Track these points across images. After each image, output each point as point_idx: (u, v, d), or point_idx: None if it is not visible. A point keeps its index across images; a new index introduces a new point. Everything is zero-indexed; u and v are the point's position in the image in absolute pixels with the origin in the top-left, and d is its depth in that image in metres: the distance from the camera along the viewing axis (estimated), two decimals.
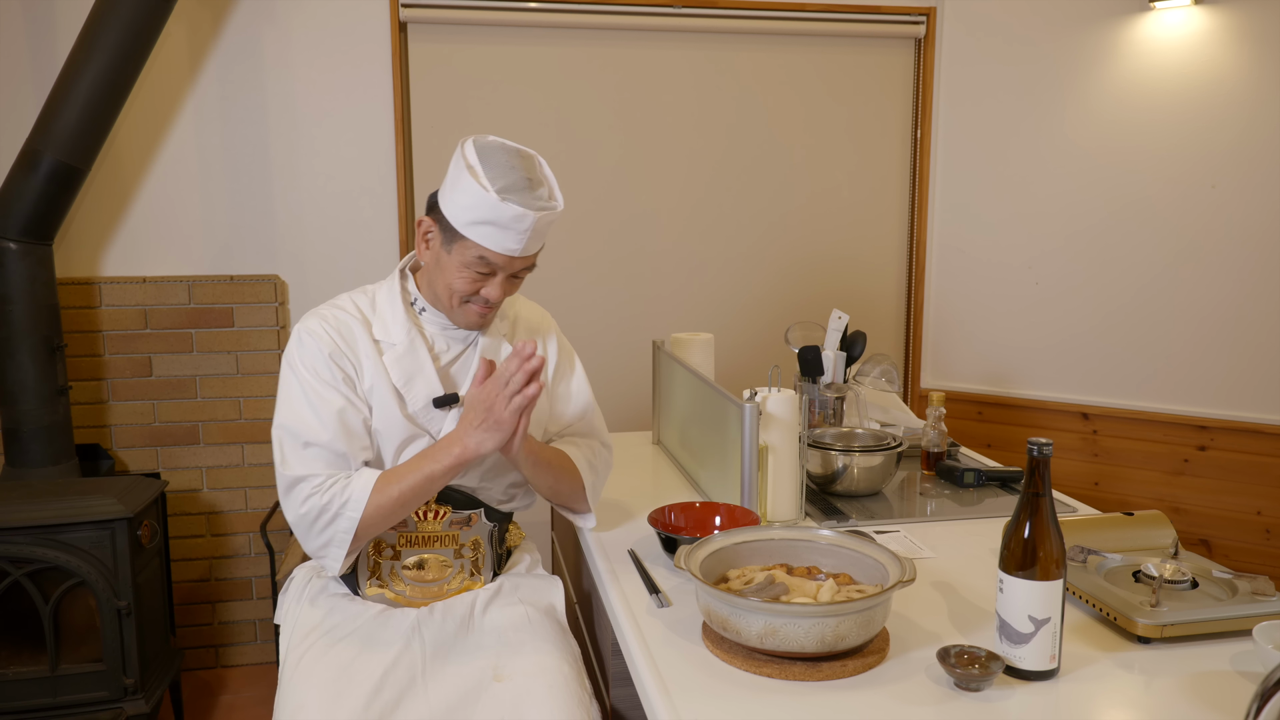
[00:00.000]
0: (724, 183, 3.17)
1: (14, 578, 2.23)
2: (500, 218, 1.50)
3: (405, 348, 1.62)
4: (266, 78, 2.82)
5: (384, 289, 1.68)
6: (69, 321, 2.74)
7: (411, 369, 1.61)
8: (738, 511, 1.65)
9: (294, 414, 1.55)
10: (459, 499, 1.66)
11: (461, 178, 1.52)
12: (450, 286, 1.59)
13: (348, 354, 1.59)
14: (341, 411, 1.55)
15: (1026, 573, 1.19)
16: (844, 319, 2.25)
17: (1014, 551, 1.20)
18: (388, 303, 1.65)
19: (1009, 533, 1.21)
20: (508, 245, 1.53)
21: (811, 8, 3.07)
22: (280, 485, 1.54)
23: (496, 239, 1.52)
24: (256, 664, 2.99)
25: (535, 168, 1.57)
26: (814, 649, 1.19)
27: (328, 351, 1.58)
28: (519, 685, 1.47)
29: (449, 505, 1.65)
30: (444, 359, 1.66)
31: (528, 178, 1.54)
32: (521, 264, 1.58)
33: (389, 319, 1.64)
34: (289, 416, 1.55)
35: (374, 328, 1.63)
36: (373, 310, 1.65)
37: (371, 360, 1.60)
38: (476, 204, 1.50)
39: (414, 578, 1.64)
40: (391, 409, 1.59)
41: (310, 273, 2.91)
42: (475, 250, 1.54)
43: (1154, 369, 2.95)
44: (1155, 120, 2.86)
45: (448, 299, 1.61)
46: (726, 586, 1.33)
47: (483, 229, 1.52)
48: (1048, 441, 1.21)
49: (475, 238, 1.53)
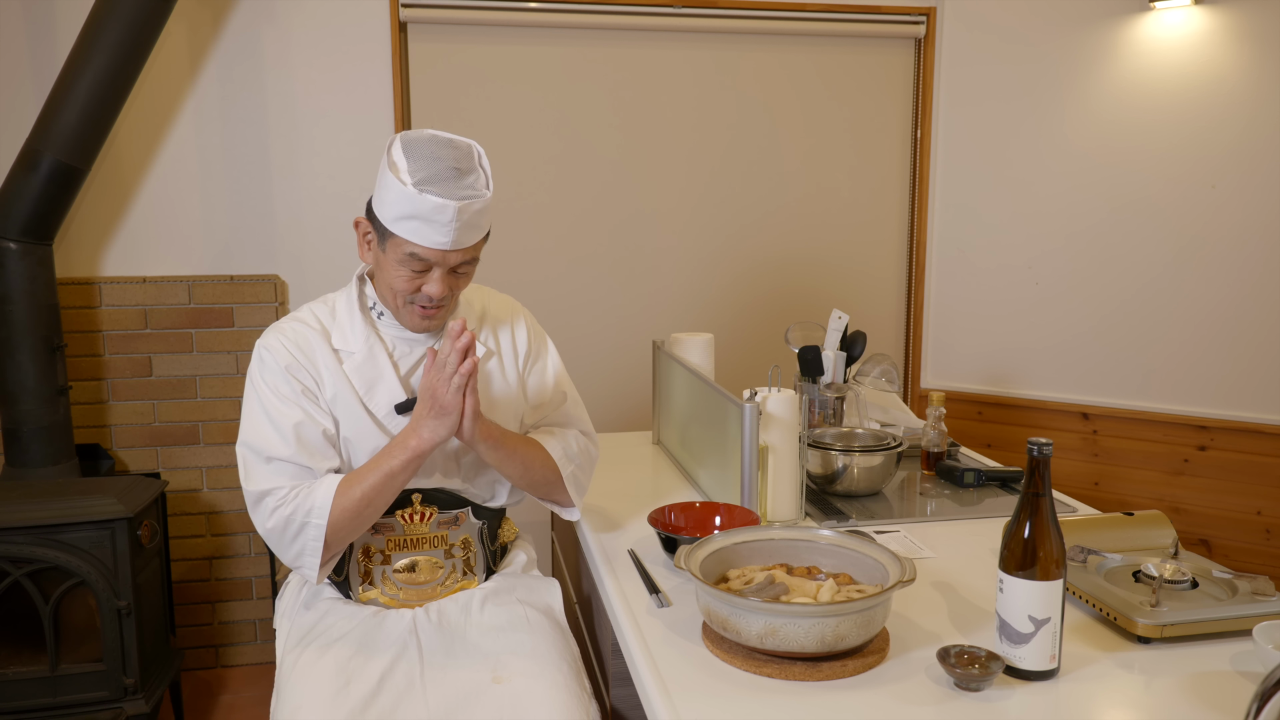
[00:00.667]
0: (723, 182, 3.17)
1: (14, 577, 2.23)
2: (420, 210, 1.48)
3: (364, 355, 1.60)
4: (266, 77, 2.82)
5: (343, 296, 1.67)
6: (69, 321, 2.74)
7: (372, 376, 1.60)
8: (738, 511, 1.65)
9: (255, 431, 1.55)
10: (444, 499, 1.65)
11: (385, 175, 1.51)
12: (391, 286, 1.57)
13: (306, 366, 1.59)
14: (299, 425, 1.55)
15: (1027, 573, 1.19)
16: (844, 319, 2.25)
17: (1014, 551, 1.20)
18: (346, 310, 1.64)
19: (1009, 533, 1.21)
20: (435, 239, 1.50)
21: (811, 7, 3.07)
22: (248, 502, 1.54)
23: (423, 233, 1.49)
24: (256, 664, 2.99)
25: (467, 158, 1.53)
26: (814, 649, 1.19)
27: (284, 364, 1.57)
28: (518, 687, 1.46)
29: (435, 506, 1.64)
30: (405, 364, 1.63)
31: (455, 168, 1.50)
32: (457, 258, 1.54)
33: (347, 327, 1.63)
34: (251, 433, 1.56)
35: (333, 337, 1.62)
36: (332, 319, 1.64)
37: (332, 370, 1.59)
38: (398, 199, 1.49)
39: (406, 580, 1.63)
40: (359, 417, 1.59)
41: (310, 273, 2.91)
42: (405, 247, 1.51)
43: (1154, 369, 2.95)
44: (1155, 120, 2.86)
45: (392, 299, 1.59)
46: (726, 587, 1.33)
47: (408, 224, 1.50)
48: (1048, 441, 1.21)
49: (402, 234, 1.51)
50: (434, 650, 1.53)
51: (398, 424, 1.60)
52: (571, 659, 1.56)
